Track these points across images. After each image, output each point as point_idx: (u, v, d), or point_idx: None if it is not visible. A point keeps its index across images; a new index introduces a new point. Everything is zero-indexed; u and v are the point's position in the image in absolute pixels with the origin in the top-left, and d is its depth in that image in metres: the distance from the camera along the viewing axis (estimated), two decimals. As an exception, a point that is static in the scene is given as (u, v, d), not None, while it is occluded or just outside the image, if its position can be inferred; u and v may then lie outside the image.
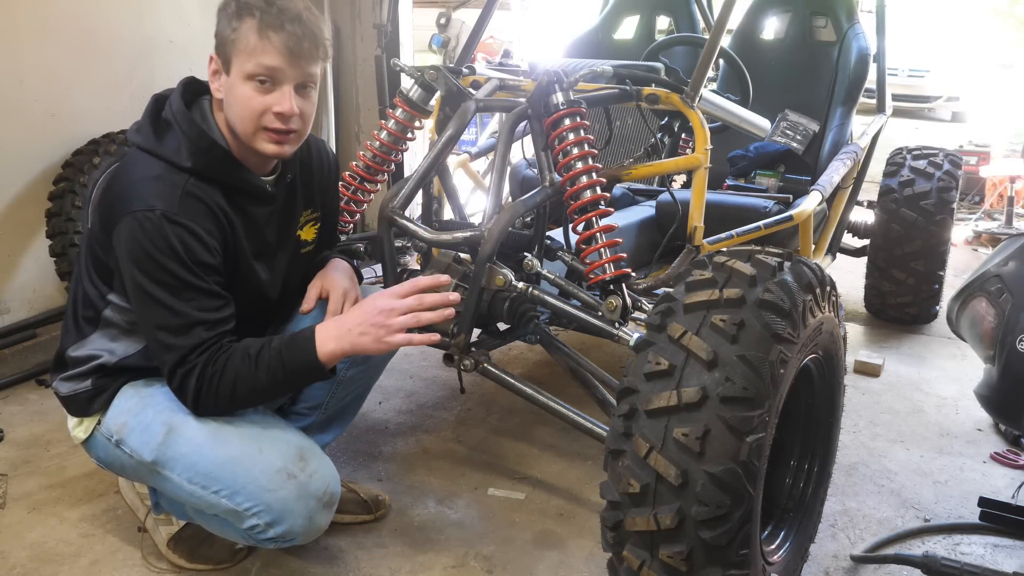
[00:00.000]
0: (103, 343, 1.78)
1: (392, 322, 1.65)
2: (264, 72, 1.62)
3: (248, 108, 1.64)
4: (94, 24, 3.29)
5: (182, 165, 1.65)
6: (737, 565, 1.41)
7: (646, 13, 3.90)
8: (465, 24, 5.94)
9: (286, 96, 1.64)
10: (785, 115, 3.43)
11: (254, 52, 1.61)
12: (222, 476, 1.68)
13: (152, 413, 1.73)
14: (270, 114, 1.65)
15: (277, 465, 1.69)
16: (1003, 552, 2.11)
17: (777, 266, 1.55)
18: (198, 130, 1.68)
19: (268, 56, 1.61)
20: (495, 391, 2.83)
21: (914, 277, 3.53)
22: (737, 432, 1.37)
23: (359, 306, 1.72)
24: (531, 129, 2.19)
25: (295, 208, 1.89)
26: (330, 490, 1.75)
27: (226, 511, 1.70)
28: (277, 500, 1.67)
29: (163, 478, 1.73)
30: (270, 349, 1.66)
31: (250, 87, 1.63)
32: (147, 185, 1.63)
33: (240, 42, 1.61)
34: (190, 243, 1.61)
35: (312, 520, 1.72)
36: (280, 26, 1.60)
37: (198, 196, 1.65)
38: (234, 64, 1.63)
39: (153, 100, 1.75)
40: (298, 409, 2.07)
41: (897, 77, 9.24)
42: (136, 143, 1.71)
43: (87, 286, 1.77)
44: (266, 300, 1.85)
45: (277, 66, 1.62)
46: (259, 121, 1.66)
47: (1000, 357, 2.08)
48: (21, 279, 3.20)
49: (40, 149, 3.16)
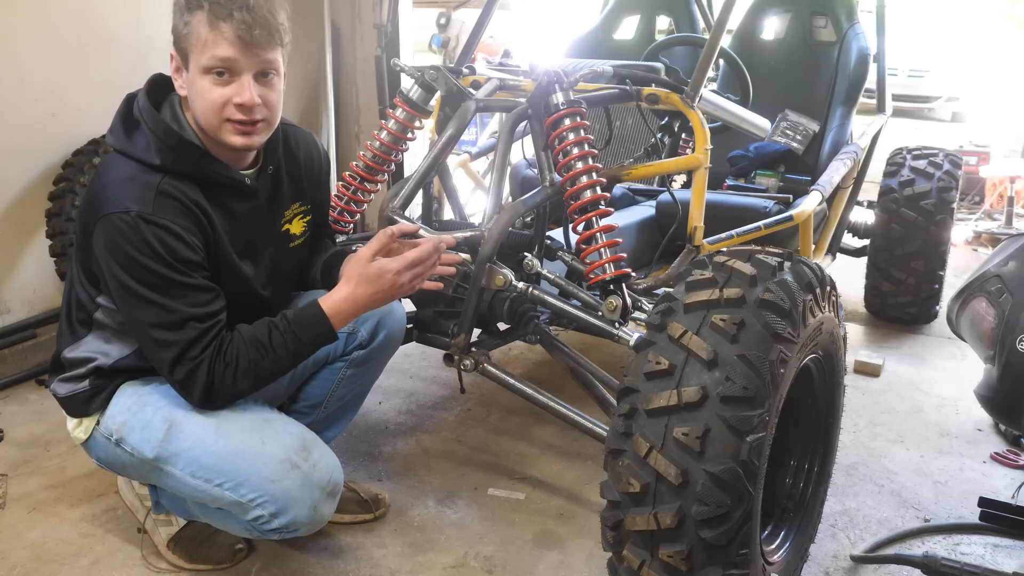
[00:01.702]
0: (97, 345, 1.78)
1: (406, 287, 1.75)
2: (219, 64, 1.60)
3: (208, 102, 1.62)
4: (94, 24, 3.29)
5: (152, 163, 1.64)
6: (737, 565, 1.41)
7: (646, 13, 3.90)
8: (465, 24, 5.94)
9: (245, 86, 1.62)
10: (785, 115, 3.43)
11: (206, 44, 1.59)
12: (226, 469, 1.68)
13: (151, 410, 1.73)
14: (231, 106, 1.62)
15: (280, 456, 1.69)
16: (1003, 552, 2.11)
17: (777, 266, 1.55)
18: (164, 126, 1.66)
19: (220, 47, 1.58)
20: (495, 391, 2.83)
21: (914, 277, 3.53)
22: (737, 432, 1.37)
23: (365, 278, 1.72)
24: (531, 129, 2.19)
25: (281, 202, 1.88)
26: (333, 479, 1.76)
27: (230, 503, 1.71)
28: (281, 490, 1.68)
29: (165, 474, 1.74)
30: (280, 332, 1.68)
31: (208, 80, 1.61)
32: (121, 187, 1.62)
33: (193, 36, 1.59)
34: (169, 242, 1.60)
35: (316, 510, 1.72)
36: (229, 15, 1.57)
37: (172, 195, 1.63)
38: (191, 59, 1.62)
39: (125, 100, 1.74)
40: (298, 408, 2.07)
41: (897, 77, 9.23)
42: (110, 144, 1.70)
43: (79, 289, 1.77)
44: (254, 295, 1.85)
45: (231, 56, 1.59)
46: (221, 114, 1.63)
47: (1000, 357, 2.09)
48: (21, 279, 3.20)
49: (40, 149, 3.15)
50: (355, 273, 1.72)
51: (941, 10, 11.25)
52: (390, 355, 2.14)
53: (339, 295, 1.72)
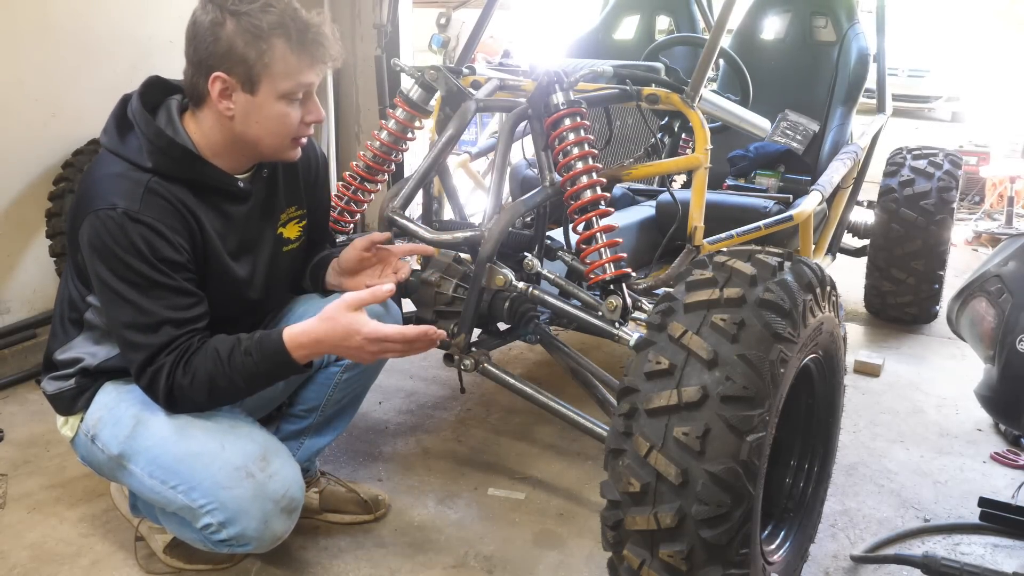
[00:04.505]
0: (87, 346, 1.78)
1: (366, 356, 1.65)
2: (304, 89, 1.67)
3: (287, 125, 1.69)
4: (94, 24, 3.29)
5: (143, 165, 1.64)
6: (737, 564, 1.41)
7: (646, 13, 3.90)
8: (465, 24, 5.95)
9: (318, 105, 1.71)
10: (785, 115, 3.43)
11: (291, 72, 1.63)
12: (181, 470, 1.66)
13: (124, 407, 1.73)
14: (303, 125, 1.71)
15: (236, 463, 1.66)
16: (1003, 552, 2.11)
17: (777, 266, 1.55)
18: (156, 130, 1.66)
19: (305, 74, 1.66)
20: (495, 391, 2.83)
21: (914, 277, 3.53)
22: (737, 431, 1.37)
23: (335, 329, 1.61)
24: (531, 129, 2.19)
25: (276, 205, 1.88)
26: (290, 494, 1.70)
27: (182, 508, 1.68)
28: (232, 498, 1.64)
29: (128, 472, 1.72)
30: (240, 351, 1.62)
31: (285, 104, 1.66)
32: (109, 183, 1.63)
33: (275, 63, 1.61)
34: (153, 241, 1.60)
35: (268, 524, 1.67)
36: (314, 42, 1.64)
37: (161, 194, 1.63)
38: (264, 83, 1.63)
39: (120, 100, 1.74)
40: (295, 411, 2.06)
41: (897, 77, 9.23)
42: (103, 144, 1.71)
43: (71, 288, 1.77)
44: (246, 299, 1.84)
45: (313, 81, 1.68)
46: (296, 133, 1.71)
47: (1000, 357, 2.08)
48: (21, 279, 3.20)
49: (40, 149, 3.16)
50: (330, 317, 1.62)
51: (941, 10, 11.25)
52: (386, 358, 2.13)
53: (307, 333, 1.62)
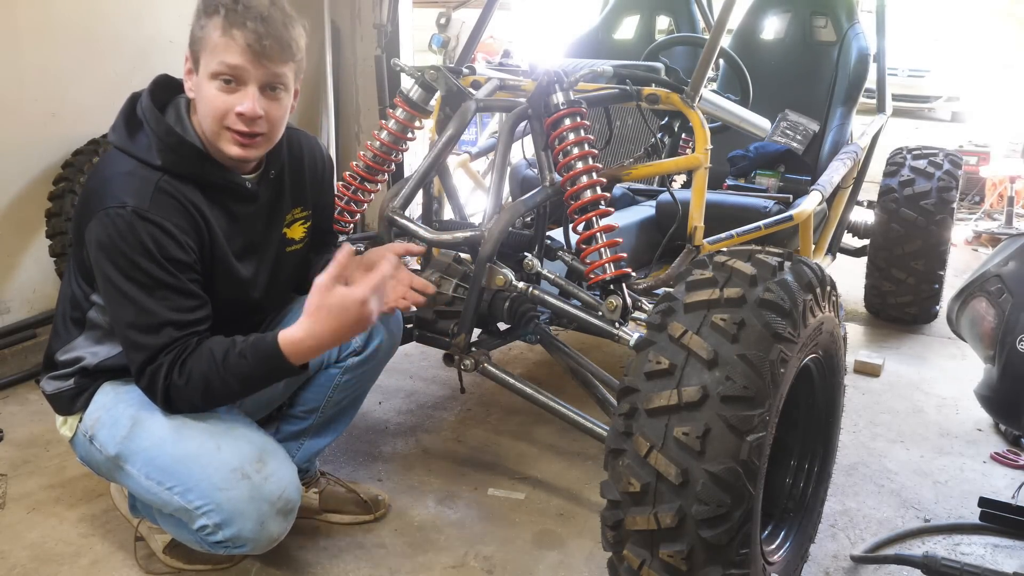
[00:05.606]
0: (88, 346, 1.78)
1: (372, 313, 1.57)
2: (227, 71, 1.60)
3: (212, 107, 1.62)
4: (94, 24, 3.29)
5: (153, 163, 1.64)
6: (737, 564, 1.41)
7: (646, 13, 3.90)
8: (465, 24, 5.96)
9: (248, 96, 1.61)
10: (785, 115, 3.43)
11: (217, 50, 1.59)
12: (178, 472, 1.66)
13: (122, 407, 1.73)
14: (233, 115, 1.62)
15: (232, 464, 1.65)
16: (1003, 552, 2.11)
17: (777, 266, 1.55)
18: (166, 127, 1.66)
19: (230, 54, 1.58)
20: (495, 391, 2.83)
21: (914, 277, 3.53)
22: (738, 431, 1.37)
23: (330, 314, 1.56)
24: (531, 129, 2.19)
25: (282, 206, 1.87)
26: (286, 496, 1.69)
27: (178, 509, 1.68)
28: (228, 500, 1.63)
29: (125, 473, 1.72)
30: (236, 353, 1.60)
31: (214, 86, 1.61)
32: (119, 181, 1.62)
33: (206, 40, 1.60)
34: (162, 240, 1.59)
35: (264, 526, 1.67)
36: (243, 23, 1.57)
37: (171, 193, 1.63)
38: (202, 62, 1.62)
39: (129, 98, 1.74)
40: (295, 412, 2.05)
41: (897, 77, 9.24)
42: (112, 141, 1.70)
43: (74, 287, 1.77)
44: (250, 299, 1.84)
45: (239, 64, 1.59)
46: (223, 121, 1.63)
47: (1000, 357, 2.08)
48: (21, 279, 3.20)
49: (40, 149, 3.16)
50: (315, 305, 1.56)
51: (941, 10, 11.26)
52: (387, 359, 2.12)
53: (298, 332, 1.58)
